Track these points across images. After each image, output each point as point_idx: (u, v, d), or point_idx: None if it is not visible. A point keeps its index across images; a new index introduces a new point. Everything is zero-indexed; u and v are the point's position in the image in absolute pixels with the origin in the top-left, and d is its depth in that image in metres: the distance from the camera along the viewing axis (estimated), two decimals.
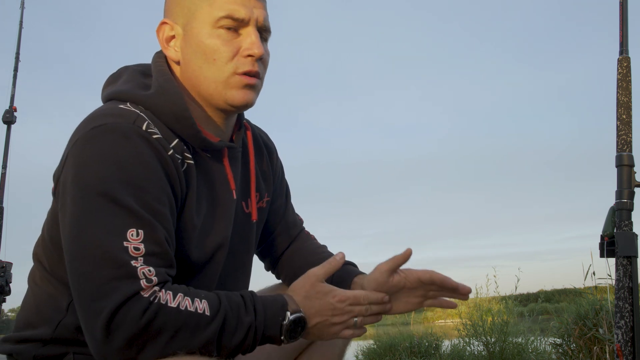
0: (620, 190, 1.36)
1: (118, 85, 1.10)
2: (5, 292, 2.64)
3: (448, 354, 5.03)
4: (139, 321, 0.84)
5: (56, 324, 1.03)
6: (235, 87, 1.07)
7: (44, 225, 1.10)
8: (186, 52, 1.08)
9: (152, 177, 0.96)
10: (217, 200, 1.13)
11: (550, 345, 4.25)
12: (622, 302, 1.32)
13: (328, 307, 1.03)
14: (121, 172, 0.92)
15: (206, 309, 0.90)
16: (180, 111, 1.04)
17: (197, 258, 1.08)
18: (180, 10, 1.09)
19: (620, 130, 1.39)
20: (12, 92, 3.23)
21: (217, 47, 1.05)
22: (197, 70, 1.07)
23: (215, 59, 1.05)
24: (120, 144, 0.94)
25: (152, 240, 0.91)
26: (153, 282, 0.88)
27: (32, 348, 1.04)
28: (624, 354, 1.29)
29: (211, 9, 1.04)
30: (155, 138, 0.98)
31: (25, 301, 1.12)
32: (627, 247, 1.33)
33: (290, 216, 1.41)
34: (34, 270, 1.12)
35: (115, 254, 0.87)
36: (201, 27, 1.06)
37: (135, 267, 0.87)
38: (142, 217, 0.91)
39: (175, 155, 1.02)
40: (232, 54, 1.05)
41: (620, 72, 1.43)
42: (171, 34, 1.10)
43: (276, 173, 1.36)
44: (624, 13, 1.44)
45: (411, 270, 1.15)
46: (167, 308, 0.87)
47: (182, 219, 1.04)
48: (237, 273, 1.24)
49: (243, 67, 1.06)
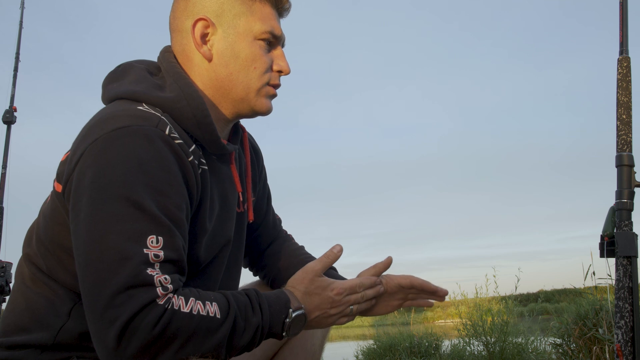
0: (620, 190, 1.36)
1: (127, 84, 1.07)
2: (5, 292, 2.64)
3: (448, 354, 5.03)
4: (153, 329, 0.83)
5: (57, 330, 1.00)
6: (264, 95, 1.14)
7: (39, 224, 1.07)
8: (223, 53, 1.09)
9: (174, 182, 0.95)
10: (226, 202, 1.15)
11: (550, 345, 4.25)
12: (622, 302, 1.32)
13: (327, 300, 1.07)
14: (144, 176, 0.91)
15: (217, 312, 0.90)
16: (203, 117, 1.04)
17: (204, 259, 1.09)
18: (220, 11, 1.09)
19: (620, 130, 1.39)
20: (12, 92, 3.23)
21: (258, 57, 1.11)
22: (233, 74, 1.10)
23: (255, 68, 1.11)
24: (143, 147, 0.93)
25: (171, 247, 0.90)
26: (169, 290, 0.87)
27: (29, 354, 1.00)
28: (624, 354, 1.29)
29: (255, 20, 1.10)
30: (178, 143, 0.98)
31: (13, 304, 1.07)
32: (627, 247, 1.33)
33: (271, 217, 1.45)
34: (24, 270, 1.08)
35: (134, 261, 0.85)
36: (245, 34, 1.09)
37: (152, 276, 0.86)
38: (163, 223, 0.90)
39: (194, 161, 1.02)
40: (268, 66, 1.13)
41: (620, 72, 1.43)
42: (207, 32, 1.10)
43: (262, 175, 1.40)
44: (624, 13, 1.44)
45: (391, 276, 1.22)
46: (181, 314, 0.86)
47: (195, 223, 1.04)
48: (231, 271, 1.25)
49: (274, 80, 1.15)
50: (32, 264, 1.06)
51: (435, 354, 5.08)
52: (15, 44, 3.34)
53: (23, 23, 3.38)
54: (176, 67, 1.09)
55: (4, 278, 2.62)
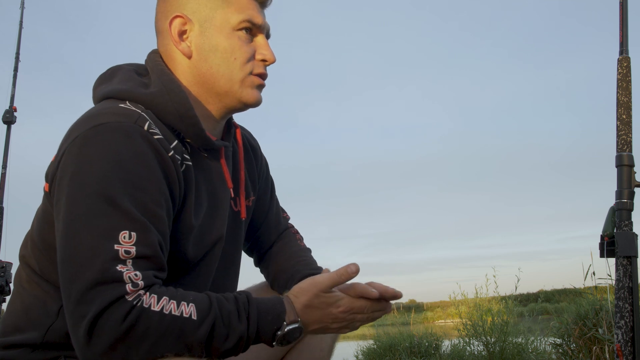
0: (620, 190, 1.36)
1: (114, 83, 1.08)
2: (5, 292, 2.64)
3: (448, 354, 5.03)
4: (120, 325, 0.83)
5: (46, 329, 1.01)
6: (250, 86, 1.12)
7: (33, 226, 1.08)
8: (202, 48, 1.09)
9: (152, 178, 0.95)
10: (215, 199, 1.14)
11: (550, 345, 4.25)
12: (622, 302, 1.32)
13: (330, 316, 1.03)
14: (121, 172, 0.91)
15: (193, 313, 0.88)
16: (185, 110, 1.04)
17: (194, 256, 1.08)
18: (196, 6, 1.09)
19: (620, 130, 1.39)
20: (12, 92, 3.23)
21: (237, 47, 1.10)
22: (213, 67, 1.09)
23: (235, 59, 1.10)
24: (121, 143, 0.93)
25: (145, 243, 0.89)
26: (139, 287, 0.86)
27: (21, 354, 1.01)
28: (624, 354, 1.29)
29: (230, 11, 1.09)
30: (157, 139, 0.98)
31: (11, 305, 1.09)
32: (627, 247, 1.33)
33: (274, 214, 1.43)
34: (21, 273, 1.09)
35: (103, 258, 0.85)
36: (222, 26, 1.09)
37: (121, 272, 0.85)
38: (137, 219, 0.90)
39: (175, 157, 1.01)
40: (249, 56, 1.11)
41: (620, 72, 1.43)
42: (184, 29, 1.10)
43: (261, 171, 1.38)
44: (624, 13, 1.44)
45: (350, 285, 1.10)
46: (150, 312, 0.85)
47: (180, 220, 1.04)
48: (227, 270, 1.24)
49: (258, 69, 1.13)
50: (27, 265, 1.08)
51: (435, 354, 5.08)
52: (15, 44, 3.34)
53: (23, 23, 3.38)
54: (160, 65, 1.10)
55: (4, 278, 2.62)
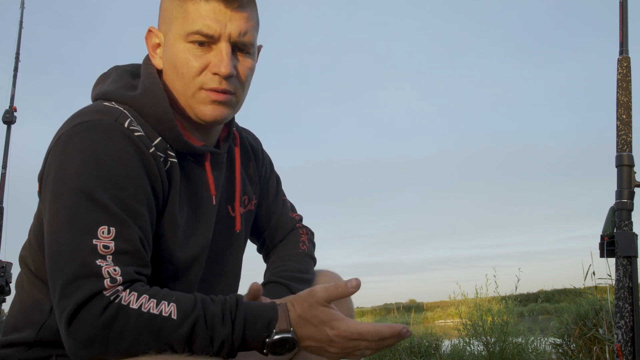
0: (620, 190, 1.36)
1: (105, 85, 1.10)
2: (5, 292, 2.64)
3: (448, 354, 5.03)
4: (97, 320, 0.83)
5: (39, 327, 1.03)
6: (202, 102, 1.06)
7: (30, 227, 1.10)
8: (164, 61, 1.09)
9: (131, 174, 0.95)
10: (197, 203, 1.13)
11: (550, 345, 4.25)
12: (622, 302, 1.32)
13: (324, 337, 0.93)
14: (99, 169, 0.93)
15: (173, 313, 0.86)
16: (162, 113, 1.04)
17: (180, 260, 1.07)
18: (163, 20, 1.10)
19: (620, 130, 1.39)
20: (12, 92, 3.23)
21: (185, 61, 1.04)
22: (170, 82, 1.08)
23: (183, 73, 1.05)
24: (100, 140, 0.95)
25: (124, 238, 0.90)
26: (117, 282, 0.86)
27: (17, 352, 1.03)
28: (624, 354, 1.29)
29: (185, 22, 1.04)
30: (137, 135, 0.98)
31: (12, 306, 1.12)
32: (627, 247, 1.33)
33: (280, 215, 1.40)
34: (21, 274, 1.12)
35: (81, 252, 0.86)
36: (175, 39, 1.06)
37: (100, 266, 0.86)
38: (116, 214, 0.90)
39: (157, 153, 1.01)
40: (199, 70, 1.04)
41: (620, 72, 1.43)
42: (156, 42, 1.11)
43: (263, 172, 1.37)
44: (624, 13, 1.44)
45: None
46: (129, 309, 0.85)
47: (164, 216, 1.04)
48: (221, 278, 1.22)
49: (210, 84, 1.05)
50: (25, 265, 1.10)
51: (435, 354, 5.08)
52: (15, 44, 3.34)
53: (23, 23, 3.39)
54: (149, 68, 1.11)
55: (4, 278, 2.62)
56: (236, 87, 1.08)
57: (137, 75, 1.14)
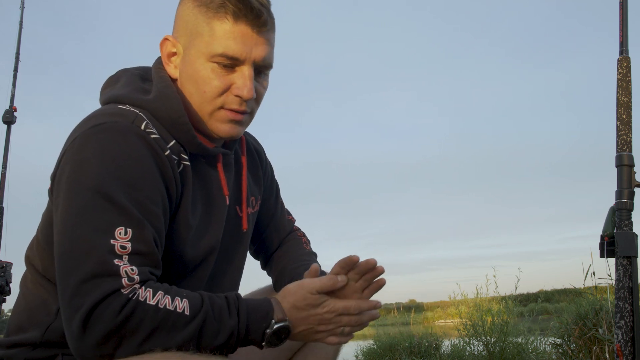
0: (620, 190, 1.37)
1: (116, 88, 1.11)
2: (5, 292, 2.64)
3: (448, 354, 5.03)
4: (116, 317, 0.84)
5: (45, 328, 1.03)
6: (221, 120, 1.08)
7: (39, 227, 1.10)
8: (182, 73, 1.09)
9: (147, 176, 0.96)
10: (211, 203, 1.15)
11: (550, 345, 4.25)
12: (622, 302, 1.32)
13: (315, 317, 1.01)
14: (116, 170, 0.93)
15: (186, 309, 0.90)
16: (177, 117, 1.05)
17: (191, 259, 1.09)
18: (183, 30, 1.08)
19: (620, 130, 1.39)
20: (12, 92, 3.23)
21: (209, 80, 1.05)
22: (190, 95, 1.09)
23: (205, 92, 1.06)
24: (117, 142, 0.95)
25: (140, 239, 0.91)
26: (135, 281, 0.88)
27: (23, 352, 1.04)
28: (624, 354, 1.29)
29: (210, 42, 1.03)
30: (153, 138, 0.99)
31: (16, 306, 1.12)
32: (627, 247, 1.33)
33: (280, 217, 1.44)
34: (26, 274, 1.12)
35: (100, 252, 0.87)
36: (198, 55, 1.05)
37: (118, 266, 0.87)
38: (133, 215, 0.91)
39: (172, 156, 1.03)
40: (222, 90, 1.06)
41: (620, 72, 1.43)
42: (172, 51, 1.11)
43: (266, 175, 1.39)
44: (624, 13, 1.44)
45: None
46: (146, 305, 0.86)
47: (177, 218, 1.05)
48: (227, 276, 1.25)
49: (231, 105, 1.07)
50: (31, 265, 1.10)
51: (435, 354, 5.08)
52: (16, 44, 3.34)
53: (23, 23, 3.39)
54: (161, 72, 1.11)
55: (4, 278, 2.62)
56: (252, 107, 1.11)
57: (147, 79, 1.14)
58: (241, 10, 1.02)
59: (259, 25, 1.04)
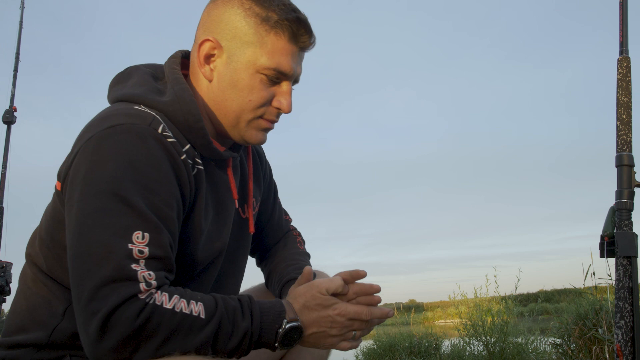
0: (620, 190, 1.36)
1: (129, 87, 1.09)
2: (5, 292, 2.64)
3: (448, 354, 5.03)
4: (134, 322, 0.84)
5: (52, 329, 1.02)
6: (256, 128, 1.12)
7: (41, 224, 1.09)
8: (223, 78, 1.08)
9: (164, 180, 0.96)
10: (221, 207, 1.15)
11: (550, 345, 4.25)
12: (622, 302, 1.32)
13: (326, 319, 1.02)
14: (134, 173, 0.92)
15: (201, 312, 0.90)
16: (194, 121, 1.05)
17: (200, 262, 1.09)
18: (230, 35, 1.07)
19: (620, 130, 1.39)
20: (12, 92, 3.23)
21: (256, 90, 1.08)
22: (227, 100, 1.09)
23: (250, 100, 1.08)
24: (135, 144, 0.94)
25: (157, 244, 0.91)
26: (152, 286, 0.88)
27: (27, 353, 1.02)
28: (624, 354, 1.29)
29: (262, 54, 1.06)
30: (170, 142, 0.99)
31: (16, 304, 1.09)
32: (627, 247, 1.33)
33: (277, 216, 1.45)
34: (27, 271, 1.10)
35: (118, 256, 0.86)
36: (247, 64, 1.06)
37: (135, 271, 0.86)
38: (150, 220, 0.91)
39: (187, 160, 1.02)
40: (266, 101, 1.10)
41: (620, 72, 1.43)
42: (212, 53, 1.09)
43: (265, 176, 1.40)
44: (624, 13, 1.44)
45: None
46: (162, 309, 0.87)
47: (190, 222, 1.05)
48: (231, 277, 1.26)
49: (270, 116, 1.12)
50: (34, 264, 1.08)
51: (435, 354, 5.07)
52: (15, 44, 3.34)
53: (23, 23, 3.38)
54: (176, 73, 1.10)
55: (4, 278, 2.62)
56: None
57: (158, 78, 1.13)
58: (298, 31, 1.07)
59: (307, 47, 1.11)
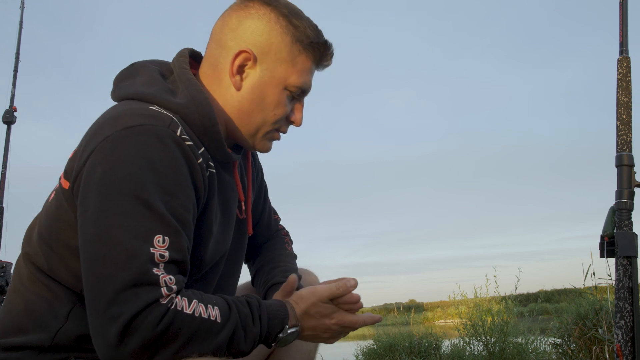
0: (620, 190, 1.36)
1: (139, 85, 1.07)
2: (5, 292, 2.64)
3: (448, 354, 5.03)
4: (156, 327, 0.83)
5: (55, 331, 0.99)
6: (269, 139, 1.17)
7: (41, 222, 1.05)
8: (252, 90, 1.10)
9: (183, 183, 0.95)
10: (227, 209, 1.16)
11: (550, 345, 4.25)
12: (622, 302, 1.32)
13: (323, 326, 1.09)
14: (154, 176, 0.91)
15: (218, 316, 0.91)
16: (210, 125, 1.05)
17: (208, 263, 1.10)
18: (264, 49, 1.08)
19: (620, 130, 1.39)
20: (12, 92, 3.23)
21: (281, 106, 1.12)
22: (253, 112, 1.11)
23: (275, 114, 1.12)
24: (155, 146, 0.93)
25: (177, 248, 0.90)
26: (173, 290, 0.87)
27: (27, 356, 0.99)
28: (624, 354, 1.29)
29: (292, 72, 1.10)
30: (188, 145, 0.98)
31: (11, 304, 1.05)
32: (627, 247, 1.33)
33: (267, 216, 1.46)
34: (22, 270, 1.06)
35: (140, 260, 0.85)
36: (277, 80, 1.10)
37: (157, 275, 0.86)
38: (170, 224, 0.90)
39: (202, 163, 1.02)
40: (285, 115, 1.14)
41: (620, 72, 1.43)
42: (245, 63, 1.09)
43: (259, 175, 1.41)
44: (624, 13, 1.44)
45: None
46: (183, 314, 0.87)
47: (202, 225, 1.05)
48: (231, 277, 1.27)
49: (283, 129, 1.17)
50: (32, 263, 1.04)
51: (435, 354, 5.07)
52: (16, 44, 3.34)
53: (23, 23, 3.39)
54: (188, 74, 1.09)
55: (3, 278, 2.62)
56: None
57: (165, 76, 1.12)
58: (324, 56, 1.14)
59: (324, 68, 1.17)
